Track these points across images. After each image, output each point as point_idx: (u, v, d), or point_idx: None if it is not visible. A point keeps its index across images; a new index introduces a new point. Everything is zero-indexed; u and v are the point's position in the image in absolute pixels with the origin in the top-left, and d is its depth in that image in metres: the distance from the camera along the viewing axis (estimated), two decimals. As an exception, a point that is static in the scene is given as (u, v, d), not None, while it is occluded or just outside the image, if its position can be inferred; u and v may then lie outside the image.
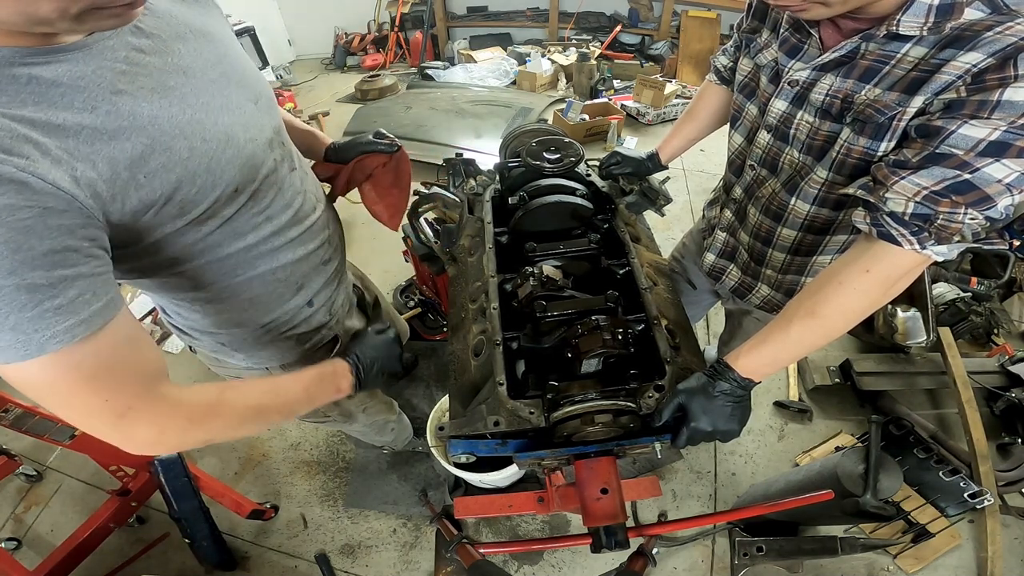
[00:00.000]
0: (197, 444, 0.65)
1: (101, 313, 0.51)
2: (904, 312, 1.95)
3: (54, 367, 0.49)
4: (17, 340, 0.46)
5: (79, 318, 0.49)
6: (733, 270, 1.17)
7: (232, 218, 0.69)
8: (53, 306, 0.47)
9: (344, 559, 1.67)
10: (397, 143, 1.13)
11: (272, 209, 0.76)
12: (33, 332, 0.46)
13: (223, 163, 0.63)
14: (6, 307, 0.45)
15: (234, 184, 0.66)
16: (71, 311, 0.48)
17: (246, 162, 0.67)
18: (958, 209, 0.62)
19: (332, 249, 0.96)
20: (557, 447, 0.78)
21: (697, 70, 4.40)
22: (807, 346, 0.77)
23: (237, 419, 0.66)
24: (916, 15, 0.62)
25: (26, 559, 1.64)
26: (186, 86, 0.61)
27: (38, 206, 0.46)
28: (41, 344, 0.47)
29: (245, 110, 0.69)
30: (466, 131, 3.49)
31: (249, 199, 0.71)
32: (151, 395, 0.57)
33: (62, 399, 0.52)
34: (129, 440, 0.57)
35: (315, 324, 0.97)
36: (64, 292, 0.48)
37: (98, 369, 0.52)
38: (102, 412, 0.54)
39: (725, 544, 1.66)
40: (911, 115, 0.67)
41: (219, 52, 0.67)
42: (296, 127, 1.07)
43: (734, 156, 1.05)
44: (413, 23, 5.15)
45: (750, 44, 0.93)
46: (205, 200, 0.63)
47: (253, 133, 0.70)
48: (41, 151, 0.47)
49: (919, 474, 1.51)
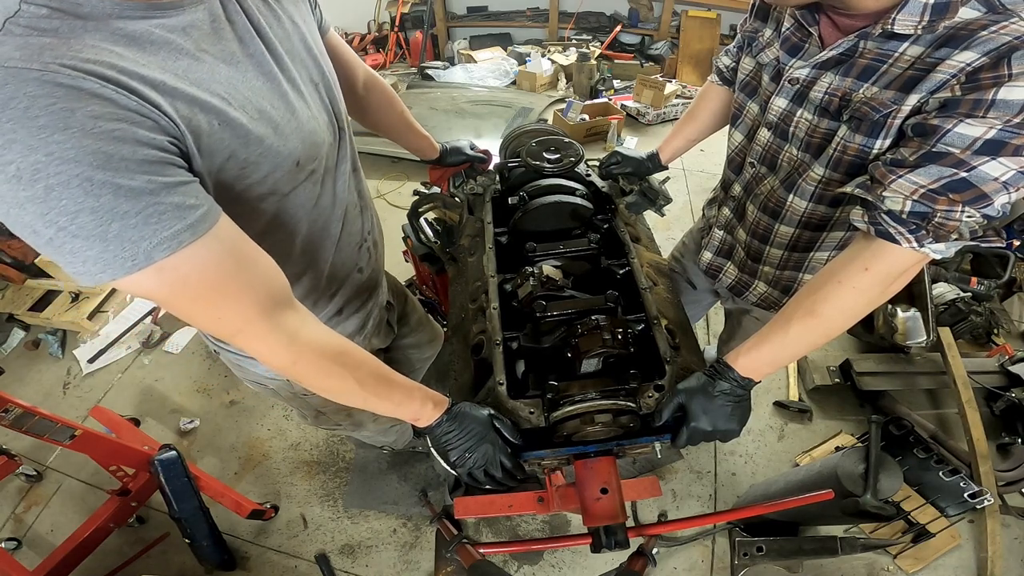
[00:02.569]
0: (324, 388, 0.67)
1: (204, 218, 0.50)
2: (904, 312, 1.95)
3: (162, 278, 0.48)
4: (123, 249, 0.45)
5: (185, 223, 0.47)
6: (730, 267, 1.17)
7: (289, 195, 0.70)
8: (157, 211, 0.46)
9: (344, 559, 1.67)
10: (489, 154, 1.35)
11: (324, 197, 0.76)
12: (140, 240, 0.45)
13: (287, 132, 0.64)
14: (107, 215, 0.43)
15: (296, 156, 0.66)
16: (176, 215, 0.47)
17: (307, 137, 0.68)
18: (955, 207, 0.62)
19: (369, 258, 0.96)
20: (557, 447, 0.78)
21: (697, 70, 4.40)
22: (807, 345, 0.77)
23: (363, 376, 0.68)
24: (911, 13, 0.62)
25: (26, 559, 1.65)
26: (264, 56, 0.63)
27: (127, 120, 0.45)
28: (148, 252, 0.46)
29: (309, 88, 0.71)
30: (466, 131, 3.49)
31: (307, 178, 0.71)
32: (268, 321, 0.58)
33: (179, 311, 0.53)
34: (257, 355, 0.60)
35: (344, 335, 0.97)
36: (166, 197, 0.46)
37: (202, 285, 0.51)
38: (218, 329, 0.55)
39: (725, 544, 1.66)
40: (906, 113, 0.67)
41: (290, 31, 0.70)
42: (415, 130, 1.22)
43: (734, 154, 1.05)
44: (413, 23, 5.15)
45: (752, 43, 0.93)
46: (266, 163, 0.63)
47: (315, 111, 0.71)
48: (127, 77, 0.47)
49: (919, 474, 1.51)
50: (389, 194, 3.27)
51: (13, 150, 0.40)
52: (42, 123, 0.40)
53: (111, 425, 1.86)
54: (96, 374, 2.27)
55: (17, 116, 0.40)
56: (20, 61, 0.41)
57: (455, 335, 0.97)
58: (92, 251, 0.44)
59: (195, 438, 2.02)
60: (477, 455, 0.75)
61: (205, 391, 2.17)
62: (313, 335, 0.64)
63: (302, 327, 0.63)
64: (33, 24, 0.43)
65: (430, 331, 1.52)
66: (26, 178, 0.41)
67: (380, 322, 1.11)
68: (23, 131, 0.40)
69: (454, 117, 3.66)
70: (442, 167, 1.35)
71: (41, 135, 0.40)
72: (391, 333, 1.23)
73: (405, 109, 1.20)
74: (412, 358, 1.49)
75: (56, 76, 0.41)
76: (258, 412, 2.08)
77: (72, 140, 0.41)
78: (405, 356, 1.46)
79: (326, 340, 0.66)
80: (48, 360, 2.35)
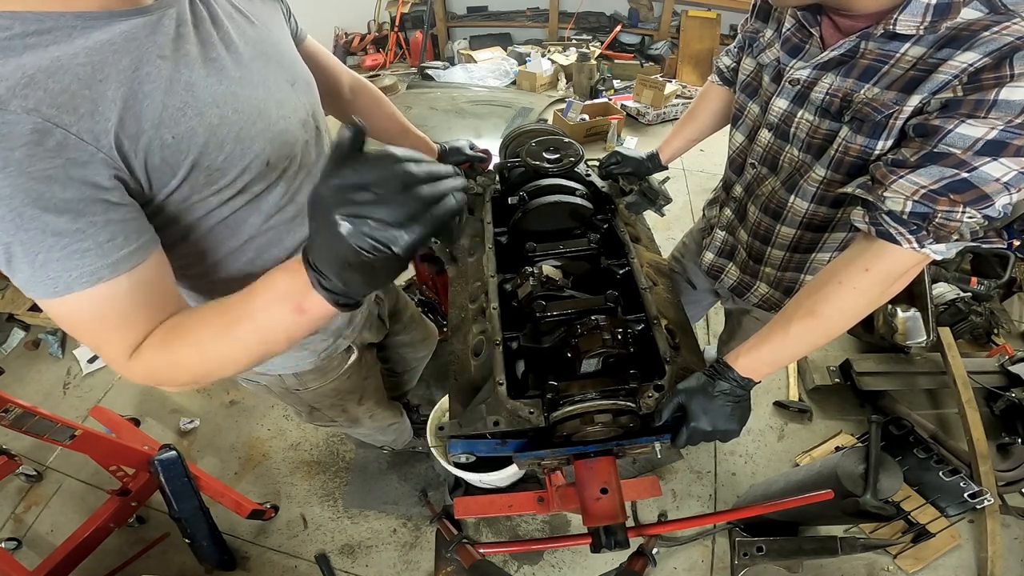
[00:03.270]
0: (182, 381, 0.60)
1: (128, 258, 0.53)
2: (904, 312, 1.95)
3: (78, 305, 0.52)
4: (47, 277, 0.50)
5: (106, 261, 0.51)
6: (732, 268, 1.17)
7: (261, 195, 0.70)
8: (80, 249, 0.49)
9: (344, 559, 1.67)
10: (489, 153, 1.33)
11: (301, 194, 0.77)
12: (62, 272, 0.50)
13: (253, 134, 0.65)
14: (35, 247, 0.48)
15: (265, 157, 0.67)
16: (100, 254, 0.51)
17: (277, 136, 0.69)
18: (956, 208, 0.62)
19: None
20: (557, 447, 0.78)
21: (697, 70, 4.40)
22: (807, 345, 0.77)
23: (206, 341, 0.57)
24: (913, 14, 0.62)
25: (26, 559, 1.65)
26: (226, 59, 0.63)
27: (62, 158, 0.47)
28: (68, 283, 0.50)
29: (281, 88, 0.71)
30: (466, 131, 3.49)
31: (280, 176, 0.71)
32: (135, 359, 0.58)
33: (83, 335, 0.56)
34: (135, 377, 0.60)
35: (332, 331, 0.96)
36: (93, 236, 0.50)
37: (94, 318, 0.54)
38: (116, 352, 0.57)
39: (725, 544, 1.66)
40: (908, 114, 0.67)
41: (261, 34, 0.71)
42: (410, 131, 1.22)
43: (735, 155, 1.05)
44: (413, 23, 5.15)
45: (753, 43, 0.93)
46: (233, 169, 0.63)
47: (287, 111, 0.71)
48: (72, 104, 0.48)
49: (919, 474, 1.51)
50: (389, 194, 3.27)
51: None
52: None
53: (111, 425, 1.86)
54: (96, 374, 2.27)
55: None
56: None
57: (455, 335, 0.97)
58: (23, 274, 0.50)
59: (195, 438, 2.02)
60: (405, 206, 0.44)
61: (205, 391, 2.17)
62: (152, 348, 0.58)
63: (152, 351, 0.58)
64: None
65: (423, 329, 1.51)
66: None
67: (369, 316, 1.11)
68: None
69: (454, 117, 3.67)
70: None
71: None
72: (383, 328, 1.23)
73: (396, 111, 1.20)
74: (407, 357, 1.49)
75: (3, 115, 0.45)
76: (258, 412, 2.08)
77: (8, 179, 0.45)
78: (399, 356, 1.46)
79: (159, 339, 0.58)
80: (48, 360, 2.34)
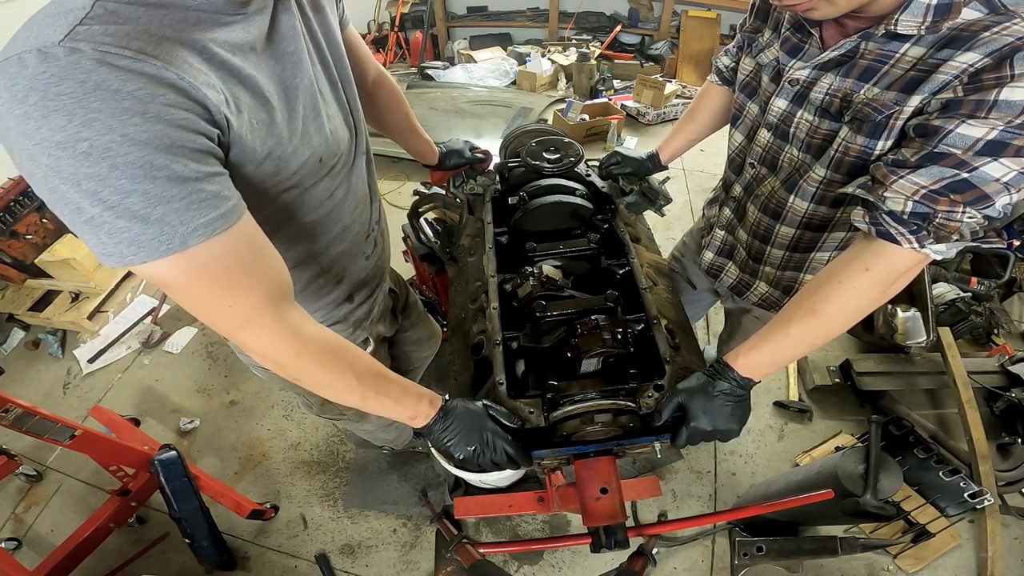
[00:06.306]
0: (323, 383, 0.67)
1: (234, 210, 0.52)
2: (904, 312, 1.95)
3: (187, 264, 0.50)
4: (162, 232, 0.46)
5: (219, 211, 0.50)
6: (731, 267, 1.17)
7: (309, 189, 0.71)
8: (198, 199, 0.48)
9: (344, 559, 1.67)
10: (489, 153, 1.35)
11: (340, 190, 0.78)
12: (179, 224, 0.47)
13: (311, 132, 0.67)
14: (156, 198, 0.45)
15: (319, 154, 0.69)
16: (213, 204, 0.49)
17: (329, 136, 0.71)
18: (956, 208, 0.62)
19: (375, 247, 0.97)
20: (557, 447, 0.78)
21: (697, 70, 4.39)
22: (807, 345, 0.77)
23: (361, 371, 0.69)
24: (914, 14, 0.63)
25: (26, 559, 1.65)
26: (299, 53, 0.64)
27: (192, 110, 0.48)
28: (184, 237, 0.48)
29: (329, 86, 0.74)
30: (466, 131, 3.49)
31: (328, 173, 0.73)
32: (275, 311, 0.59)
33: (192, 299, 0.54)
34: (252, 352, 0.61)
35: (353, 322, 0.98)
36: (208, 185, 0.49)
37: (221, 273, 0.53)
38: (227, 319, 0.56)
39: (725, 544, 1.66)
40: (908, 114, 0.67)
41: (330, 34, 0.74)
42: (418, 132, 1.24)
43: (734, 154, 1.05)
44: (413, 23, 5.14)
45: (752, 43, 0.93)
46: (296, 160, 0.65)
47: (333, 111, 0.73)
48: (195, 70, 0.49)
49: (919, 474, 1.51)
50: (389, 194, 3.27)
51: (92, 128, 0.42)
52: (125, 106, 0.43)
53: (111, 425, 1.86)
54: (96, 374, 2.27)
55: (106, 98, 0.42)
56: (112, 47, 0.43)
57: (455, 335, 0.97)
58: (131, 232, 0.46)
59: (195, 438, 2.02)
60: (478, 445, 0.76)
61: (205, 391, 2.17)
62: (314, 330, 0.65)
63: (304, 321, 0.64)
64: (119, 11, 0.46)
65: (429, 328, 1.53)
66: (95, 156, 0.42)
67: (385, 309, 1.13)
68: (107, 111, 0.42)
69: (454, 117, 3.66)
70: (442, 171, 1.36)
71: (122, 117, 0.43)
72: (395, 322, 1.25)
73: (410, 110, 1.21)
74: (412, 356, 1.50)
75: (144, 65, 0.44)
76: (258, 412, 2.08)
77: (147, 124, 0.44)
78: (404, 354, 1.47)
79: (326, 335, 0.67)
80: (48, 360, 2.35)
